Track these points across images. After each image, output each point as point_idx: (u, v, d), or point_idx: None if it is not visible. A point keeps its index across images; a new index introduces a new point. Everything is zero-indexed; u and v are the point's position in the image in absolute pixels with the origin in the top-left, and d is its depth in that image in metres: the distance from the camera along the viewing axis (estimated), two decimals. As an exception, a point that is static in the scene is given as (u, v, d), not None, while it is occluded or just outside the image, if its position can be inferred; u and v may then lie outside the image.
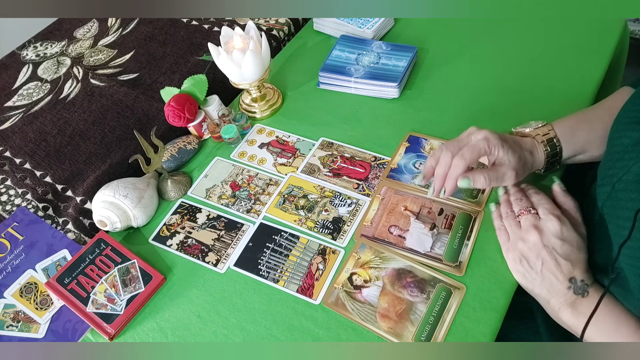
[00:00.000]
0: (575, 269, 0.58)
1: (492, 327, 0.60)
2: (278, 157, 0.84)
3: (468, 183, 0.63)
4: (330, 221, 0.73)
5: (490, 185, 0.64)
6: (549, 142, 0.67)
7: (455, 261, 0.66)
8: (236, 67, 0.82)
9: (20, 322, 0.68)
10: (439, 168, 0.64)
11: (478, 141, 0.63)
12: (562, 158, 0.68)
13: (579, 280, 0.58)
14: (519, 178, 0.65)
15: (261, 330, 0.65)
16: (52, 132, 0.93)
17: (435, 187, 0.66)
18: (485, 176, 0.63)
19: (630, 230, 0.51)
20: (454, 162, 0.62)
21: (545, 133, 0.67)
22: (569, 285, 0.58)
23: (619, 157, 0.55)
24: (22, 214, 0.80)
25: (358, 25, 0.98)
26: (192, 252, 0.74)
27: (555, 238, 0.59)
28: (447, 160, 0.63)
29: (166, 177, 0.81)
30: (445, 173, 0.64)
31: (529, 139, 0.68)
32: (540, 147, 0.67)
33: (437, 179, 0.65)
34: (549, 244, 0.59)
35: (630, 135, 0.54)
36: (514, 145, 0.64)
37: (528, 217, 0.61)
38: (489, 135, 0.63)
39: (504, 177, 0.63)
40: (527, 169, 0.66)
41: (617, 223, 0.54)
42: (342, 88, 0.91)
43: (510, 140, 0.65)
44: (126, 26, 1.15)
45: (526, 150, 0.66)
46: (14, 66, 1.12)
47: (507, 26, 0.97)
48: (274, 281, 0.69)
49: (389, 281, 0.66)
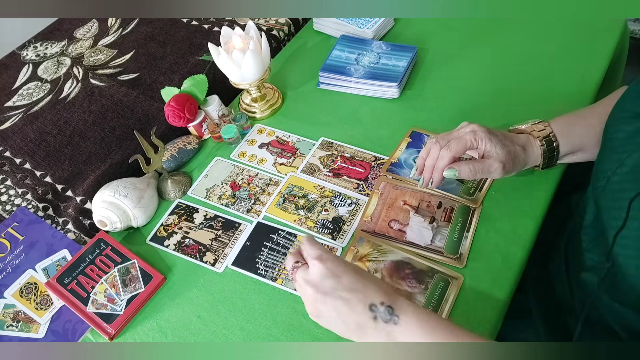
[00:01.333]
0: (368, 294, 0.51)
1: (492, 327, 0.60)
2: (278, 157, 0.84)
3: (454, 173, 0.64)
4: (330, 221, 0.73)
5: (475, 176, 0.65)
6: (545, 138, 0.67)
7: (456, 253, 0.67)
8: (236, 67, 0.82)
9: (20, 322, 0.68)
10: (428, 160, 0.66)
11: (465, 133, 0.64)
12: (559, 154, 0.68)
13: (379, 303, 0.51)
14: (508, 171, 0.65)
15: (261, 330, 0.65)
16: (52, 132, 0.94)
17: (424, 178, 0.68)
18: (471, 167, 0.64)
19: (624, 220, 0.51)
20: (440, 154, 0.64)
21: (541, 129, 0.67)
22: (372, 314, 0.50)
23: (614, 151, 0.55)
24: (22, 214, 0.80)
25: (358, 25, 0.98)
26: (190, 252, 0.74)
27: (327, 279, 0.52)
28: (435, 153, 0.65)
29: (166, 177, 0.81)
30: (433, 165, 0.66)
31: (523, 135, 0.68)
32: (536, 142, 0.67)
33: (426, 170, 0.67)
34: (326, 288, 0.51)
35: (624, 130, 0.55)
36: (504, 140, 0.65)
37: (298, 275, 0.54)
38: (477, 128, 0.64)
39: (490, 169, 0.64)
40: (519, 164, 0.67)
41: (611, 214, 0.54)
42: (342, 88, 0.92)
43: (500, 135, 0.65)
44: (126, 26, 1.15)
45: (518, 145, 0.66)
46: (14, 66, 1.12)
47: (507, 26, 0.97)
48: (272, 279, 0.69)
49: (388, 273, 0.66)
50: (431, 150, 0.66)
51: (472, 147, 0.64)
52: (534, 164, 0.69)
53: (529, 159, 0.67)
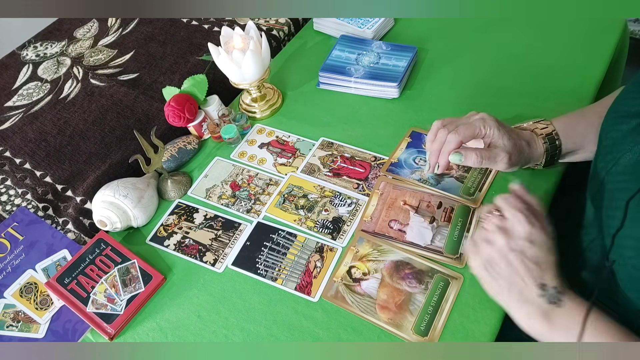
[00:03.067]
0: (545, 274, 0.54)
1: (492, 326, 0.60)
2: (278, 157, 0.84)
3: (460, 158, 0.64)
4: (330, 221, 0.73)
5: (481, 164, 0.64)
6: (548, 136, 0.67)
7: (456, 253, 0.67)
8: (236, 67, 0.82)
9: (20, 322, 0.68)
10: (435, 144, 0.66)
11: (475, 120, 0.65)
12: (561, 152, 0.68)
13: (551, 286, 0.53)
14: (513, 164, 0.65)
15: (261, 330, 0.65)
16: (52, 132, 0.94)
17: (430, 162, 0.68)
18: (478, 154, 0.64)
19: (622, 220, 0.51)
20: (448, 138, 0.64)
21: (544, 127, 0.68)
22: (540, 292, 0.53)
23: (609, 150, 0.55)
24: (22, 214, 0.80)
25: (358, 25, 0.98)
26: (190, 252, 0.74)
27: (524, 240, 0.54)
28: (442, 137, 0.65)
29: (166, 177, 0.81)
30: (439, 149, 0.65)
31: (527, 132, 0.69)
32: (539, 140, 0.67)
33: (432, 155, 0.67)
34: (517, 247, 0.54)
35: (619, 129, 0.55)
36: (511, 132, 0.65)
37: (493, 220, 0.56)
38: (486, 117, 0.65)
39: (497, 159, 0.64)
40: (523, 158, 0.67)
41: (608, 214, 0.54)
42: (342, 88, 0.92)
43: (507, 127, 0.66)
44: (126, 26, 1.15)
45: (523, 139, 0.67)
46: (14, 66, 1.12)
47: (507, 26, 0.97)
48: (272, 279, 0.69)
49: (388, 273, 0.66)
50: (438, 134, 0.65)
51: (480, 135, 0.64)
52: (536, 161, 0.69)
53: (532, 156, 0.68)
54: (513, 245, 0.54)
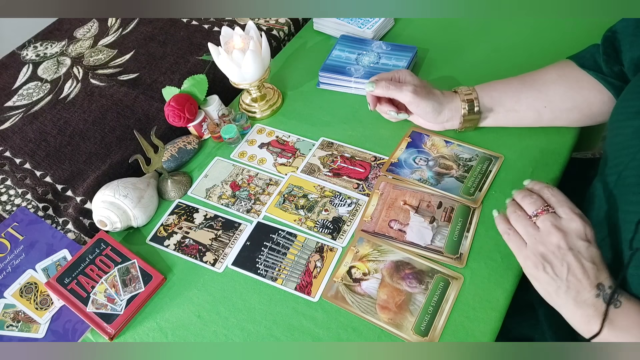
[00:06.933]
0: (602, 273, 0.53)
1: (493, 326, 0.60)
2: (278, 157, 0.84)
3: (372, 85, 0.76)
4: (330, 221, 0.73)
5: (388, 90, 0.75)
6: (465, 91, 0.75)
7: (456, 253, 0.67)
8: (236, 67, 0.82)
9: (20, 322, 0.68)
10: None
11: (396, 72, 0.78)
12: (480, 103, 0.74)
13: (607, 286, 0.52)
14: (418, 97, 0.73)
15: (261, 330, 0.65)
16: (52, 132, 0.94)
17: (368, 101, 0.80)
18: (386, 83, 0.75)
19: None
20: None
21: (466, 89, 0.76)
22: (597, 292, 0.52)
23: (623, 147, 0.56)
24: (22, 214, 0.80)
25: (358, 25, 0.98)
26: (190, 252, 0.74)
27: (580, 240, 0.53)
28: None
29: (166, 177, 0.81)
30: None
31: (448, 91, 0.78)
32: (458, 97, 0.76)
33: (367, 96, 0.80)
34: (574, 246, 0.53)
35: (632, 125, 0.55)
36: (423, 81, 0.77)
37: (547, 218, 0.55)
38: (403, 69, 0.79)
39: (402, 88, 0.74)
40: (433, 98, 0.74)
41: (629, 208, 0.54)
42: (342, 88, 0.92)
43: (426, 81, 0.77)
44: (126, 26, 1.16)
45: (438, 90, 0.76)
46: (14, 66, 1.12)
47: (507, 26, 0.97)
48: (272, 279, 0.69)
49: (388, 273, 0.66)
50: None
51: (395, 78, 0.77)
52: (455, 111, 0.75)
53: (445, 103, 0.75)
54: (571, 244, 0.53)
